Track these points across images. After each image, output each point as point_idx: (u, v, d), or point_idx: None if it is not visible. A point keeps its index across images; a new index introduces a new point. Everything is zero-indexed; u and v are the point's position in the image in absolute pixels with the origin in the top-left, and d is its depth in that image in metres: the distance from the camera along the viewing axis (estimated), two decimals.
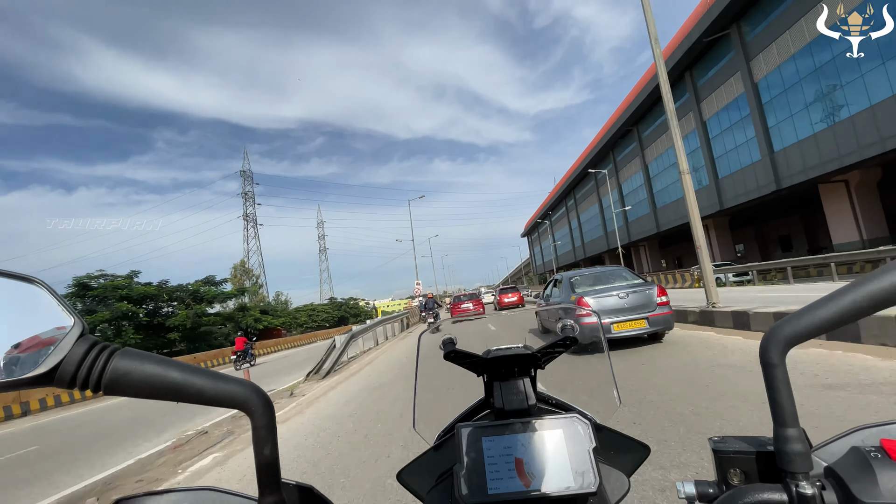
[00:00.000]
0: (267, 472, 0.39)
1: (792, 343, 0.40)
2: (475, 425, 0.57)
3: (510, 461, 0.53)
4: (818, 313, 0.39)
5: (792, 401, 0.40)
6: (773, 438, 0.42)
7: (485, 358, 0.63)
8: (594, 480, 0.51)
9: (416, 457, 0.65)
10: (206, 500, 0.52)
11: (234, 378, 0.39)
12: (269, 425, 0.39)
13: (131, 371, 0.35)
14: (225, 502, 0.52)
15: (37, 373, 0.33)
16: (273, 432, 0.40)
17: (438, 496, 0.58)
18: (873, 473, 0.38)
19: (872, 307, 0.37)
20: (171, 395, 0.37)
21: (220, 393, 0.38)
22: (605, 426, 0.62)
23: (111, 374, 0.35)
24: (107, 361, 0.35)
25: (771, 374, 0.40)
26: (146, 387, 0.36)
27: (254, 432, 0.39)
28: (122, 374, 0.35)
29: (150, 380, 0.36)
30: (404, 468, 0.64)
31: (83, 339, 0.35)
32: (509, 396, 0.63)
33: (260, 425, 0.39)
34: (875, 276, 0.37)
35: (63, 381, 0.34)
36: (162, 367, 0.36)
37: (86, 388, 0.35)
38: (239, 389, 0.39)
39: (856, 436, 0.44)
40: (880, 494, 0.37)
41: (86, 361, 0.34)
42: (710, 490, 0.46)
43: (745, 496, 0.41)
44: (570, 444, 0.54)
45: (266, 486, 0.39)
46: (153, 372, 0.36)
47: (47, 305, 0.36)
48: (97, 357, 0.35)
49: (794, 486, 0.40)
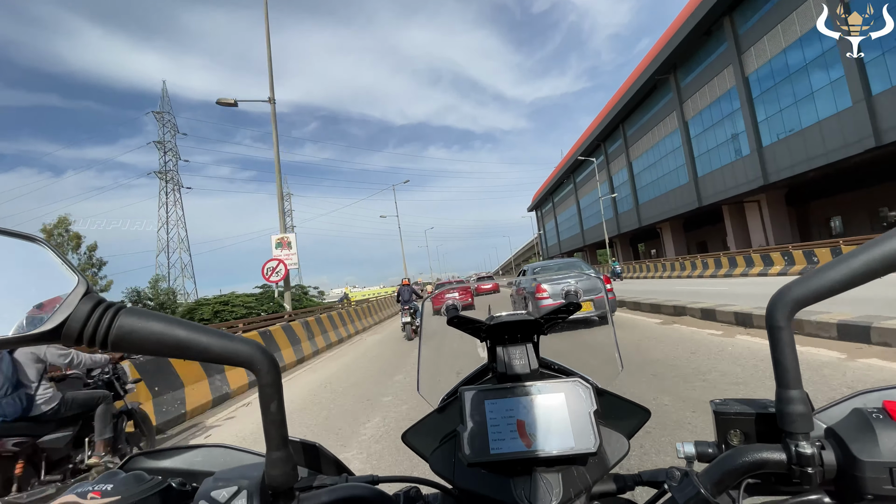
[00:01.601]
0: (274, 428, 0.40)
1: (799, 305, 0.39)
2: (478, 388, 0.58)
3: (512, 423, 0.54)
4: (828, 275, 0.38)
5: (796, 363, 0.40)
6: (775, 400, 0.42)
7: (488, 324, 0.64)
8: (594, 441, 0.52)
9: (420, 419, 0.66)
10: (217, 455, 0.54)
11: (240, 337, 0.40)
12: (275, 383, 0.40)
13: (137, 328, 0.36)
14: (235, 458, 0.53)
15: (43, 329, 0.34)
16: (279, 390, 0.40)
17: (442, 456, 0.60)
18: (874, 433, 0.38)
19: (885, 268, 0.37)
20: (177, 352, 0.37)
21: (225, 351, 0.38)
22: (607, 390, 0.63)
23: (117, 330, 0.35)
24: (112, 318, 0.35)
25: (776, 337, 0.40)
26: (152, 344, 0.36)
27: (260, 390, 0.40)
28: (127, 331, 0.36)
29: (155, 337, 0.36)
30: (409, 430, 0.65)
31: (88, 296, 0.35)
32: (512, 361, 0.64)
33: (266, 383, 0.39)
34: (889, 238, 0.37)
35: (70, 338, 0.35)
36: (167, 325, 0.37)
37: (92, 345, 0.36)
38: (244, 348, 0.39)
39: (858, 399, 0.45)
40: (880, 453, 0.37)
41: (91, 318, 0.35)
42: (709, 450, 0.47)
43: (745, 455, 0.42)
44: (572, 407, 0.55)
45: (273, 442, 0.40)
46: (158, 329, 0.36)
47: (50, 264, 0.36)
48: (103, 314, 0.35)
49: (793, 445, 0.40)
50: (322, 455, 0.57)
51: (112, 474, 0.41)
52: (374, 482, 0.50)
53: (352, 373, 7.37)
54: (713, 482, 0.42)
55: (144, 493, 0.39)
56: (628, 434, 0.60)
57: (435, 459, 0.60)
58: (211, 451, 0.55)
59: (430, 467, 0.60)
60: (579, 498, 0.53)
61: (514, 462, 0.53)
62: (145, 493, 0.39)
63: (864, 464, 0.37)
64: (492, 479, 0.54)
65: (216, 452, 0.55)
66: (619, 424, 0.61)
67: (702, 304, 8.13)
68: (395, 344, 10.30)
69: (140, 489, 0.40)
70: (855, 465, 0.38)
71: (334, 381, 6.81)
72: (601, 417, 0.55)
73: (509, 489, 0.53)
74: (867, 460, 0.37)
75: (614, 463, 0.56)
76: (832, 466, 0.40)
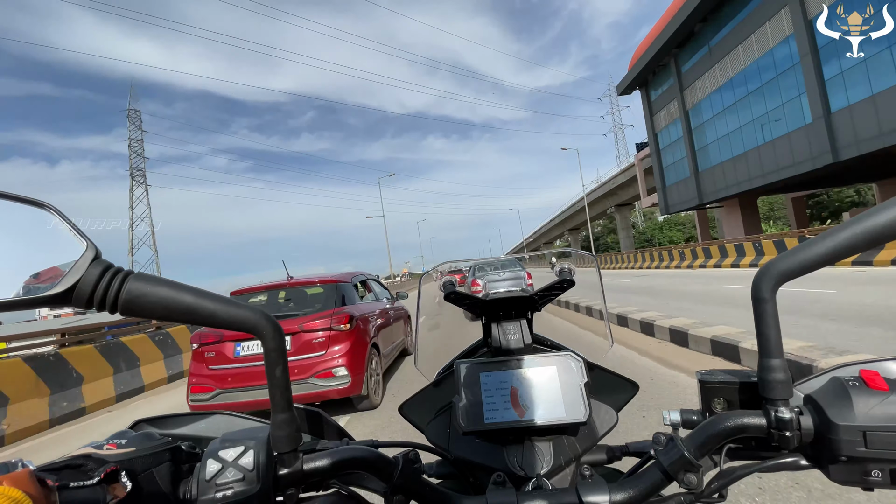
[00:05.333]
0: (279, 392, 0.41)
1: (784, 278, 0.41)
2: (473, 362, 0.60)
3: (506, 394, 0.56)
4: (813, 249, 0.40)
5: (779, 334, 0.42)
6: (757, 369, 0.44)
7: (483, 300, 0.66)
8: (584, 412, 0.54)
9: (416, 392, 0.68)
10: (220, 422, 0.56)
11: (245, 304, 0.41)
12: (279, 348, 0.41)
13: (146, 293, 0.37)
14: (236, 424, 0.55)
15: (55, 291, 0.35)
16: (283, 355, 0.42)
17: (437, 427, 0.62)
18: (849, 399, 0.40)
19: (868, 242, 0.38)
20: (185, 317, 0.38)
21: (231, 317, 0.39)
22: (597, 365, 0.65)
23: (126, 295, 0.36)
24: (122, 283, 0.36)
25: (760, 309, 0.42)
26: (160, 308, 0.37)
27: (265, 355, 0.41)
28: (136, 295, 0.37)
29: (163, 301, 0.37)
30: (405, 402, 0.67)
31: (97, 261, 0.36)
32: (506, 337, 0.66)
33: (271, 348, 0.41)
34: (873, 213, 0.38)
35: (80, 301, 0.35)
36: (175, 291, 0.38)
37: (102, 309, 0.36)
38: (250, 314, 0.40)
39: (838, 371, 0.47)
40: (854, 417, 0.39)
41: (101, 282, 0.36)
42: (693, 417, 0.49)
43: (727, 420, 0.44)
44: (563, 380, 0.57)
45: (278, 405, 0.42)
46: (166, 294, 0.37)
47: (60, 229, 0.37)
48: (112, 278, 0.36)
49: (773, 411, 0.42)
50: (324, 422, 0.59)
51: (124, 432, 0.43)
52: (375, 446, 0.52)
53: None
54: (696, 446, 0.44)
55: (156, 448, 0.41)
56: (617, 407, 0.63)
57: (431, 430, 0.62)
58: (214, 418, 0.57)
59: (426, 437, 0.62)
60: (569, 465, 0.56)
61: (508, 431, 0.55)
62: (157, 449, 0.41)
63: (839, 427, 0.40)
64: (486, 447, 0.57)
65: (219, 419, 0.56)
66: (609, 397, 0.63)
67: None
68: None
69: (152, 444, 0.41)
70: (830, 429, 0.40)
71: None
72: (591, 390, 0.57)
73: (502, 456, 0.55)
74: (842, 424, 0.39)
75: (603, 433, 0.59)
76: (809, 430, 0.42)
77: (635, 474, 0.47)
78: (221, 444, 0.42)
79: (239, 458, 0.40)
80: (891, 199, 0.38)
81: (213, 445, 0.42)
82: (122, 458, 0.38)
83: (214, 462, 0.40)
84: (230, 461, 0.40)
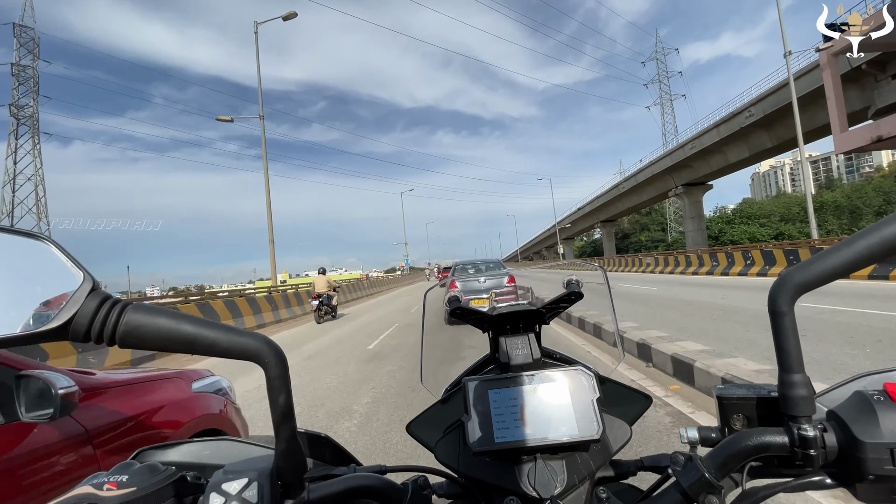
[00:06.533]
0: (283, 420, 0.40)
1: (802, 290, 0.40)
2: (481, 378, 0.58)
3: (516, 411, 0.55)
4: (830, 260, 0.39)
5: (798, 348, 0.41)
6: (777, 384, 0.42)
7: (490, 314, 0.64)
8: (597, 428, 0.52)
9: (423, 410, 0.67)
10: (225, 448, 0.55)
11: (246, 331, 0.40)
12: (283, 376, 0.40)
13: (144, 324, 0.36)
14: (243, 451, 0.54)
15: (51, 326, 0.34)
16: (287, 383, 0.41)
17: (447, 446, 0.60)
18: (875, 415, 0.39)
19: (885, 252, 0.37)
20: (185, 347, 0.38)
21: (233, 345, 0.39)
22: (609, 378, 0.64)
23: (124, 327, 0.36)
24: (120, 315, 0.36)
25: (779, 322, 0.40)
26: (159, 339, 0.37)
27: (268, 383, 0.40)
28: (134, 326, 0.36)
29: (162, 332, 0.37)
30: (413, 421, 0.66)
31: (94, 293, 0.36)
32: (514, 351, 0.64)
33: (273, 376, 0.40)
34: (889, 222, 0.37)
35: (78, 335, 0.35)
36: (174, 321, 0.37)
37: (100, 342, 0.36)
38: (251, 342, 0.39)
39: (859, 381, 0.45)
40: (881, 434, 0.38)
41: (99, 315, 0.35)
42: (712, 435, 0.48)
43: (748, 439, 0.42)
44: (574, 395, 0.55)
45: (282, 434, 0.41)
46: (165, 325, 0.37)
47: (56, 261, 0.37)
48: (110, 311, 0.36)
49: (795, 428, 0.41)
50: (330, 446, 0.58)
51: (126, 465, 0.42)
52: (383, 472, 0.51)
53: None
54: (717, 466, 0.43)
55: (159, 483, 0.40)
56: (630, 420, 0.61)
57: (440, 449, 0.61)
58: (219, 445, 0.56)
59: (436, 457, 0.61)
60: (583, 484, 0.54)
61: (519, 450, 0.53)
62: (160, 484, 0.40)
63: (866, 445, 0.38)
64: (497, 467, 0.55)
65: (223, 445, 0.55)
66: (621, 411, 0.61)
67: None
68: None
69: (155, 479, 0.40)
70: (856, 447, 0.38)
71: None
72: (603, 405, 0.56)
73: (514, 476, 0.54)
74: (868, 441, 0.38)
75: (617, 449, 0.57)
76: (834, 448, 0.40)
77: (653, 496, 0.46)
78: (225, 475, 0.41)
79: (243, 491, 0.39)
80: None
81: (217, 477, 0.41)
82: (122, 500, 0.37)
83: (217, 497, 0.39)
84: (234, 494, 0.39)
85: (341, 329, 10.91)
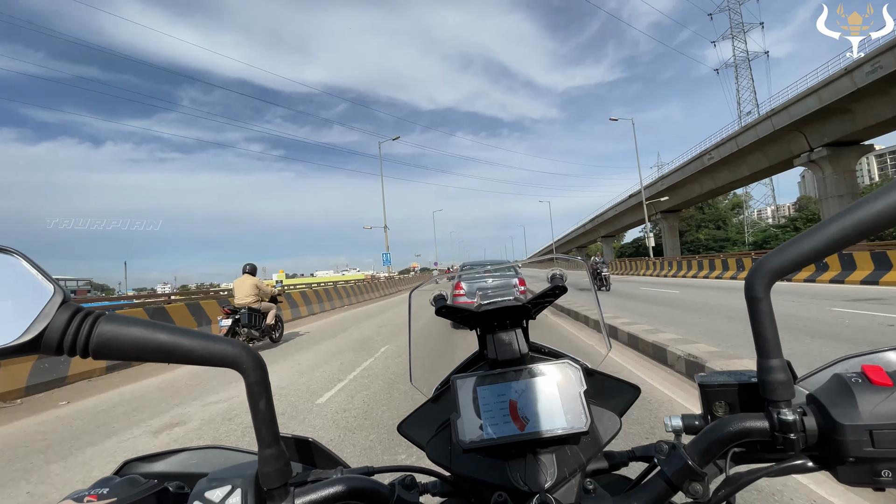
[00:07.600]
0: (264, 426, 0.40)
1: (778, 275, 0.40)
2: (470, 376, 0.58)
3: (505, 407, 0.55)
4: (805, 243, 0.39)
5: (776, 333, 0.41)
6: (756, 370, 0.43)
7: (476, 311, 0.64)
8: (586, 420, 0.53)
9: (414, 409, 0.67)
10: (211, 456, 0.55)
11: (223, 338, 0.40)
12: (262, 381, 0.40)
13: (117, 335, 0.35)
14: (229, 458, 0.54)
15: (22, 340, 0.33)
16: (267, 388, 0.40)
17: (438, 444, 0.60)
18: (853, 397, 0.39)
19: (859, 234, 0.37)
20: (160, 356, 0.37)
21: (209, 353, 0.38)
22: (596, 370, 0.64)
23: (97, 338, 0.35)
24: (92, 326, 0.35)
25: (756, 308, 0.41)
26: (134, 350, 0.36)
27: (248, 389, 0.39)
28: (108, 338, 0.35)
29: (136, 342, 0.36)
30: (404, 421, 0.66)
31: (66, 305, 0.35)
32: (502, 347, 0.65)
33: (253, 381, 0.39)
34: (862, 204, 0.37)
35: (49, 348, 0.34)
36: (148, 330, 0.37)
37: (73, 354, 0.35)
38: (228, 349, 0.39)
39: (839, 365, 0.46)
40: (859, 416, 0.38)
41: (70, 327, 0.34)
42: (696, 422, 0.48)
43: (729, 425, 0.43)
44: (562, 388, 0.56)
45: (264, 440, 0.40)
46: (139, 335, 0.36)
47: (25, 275, 0.36)
48: (82, 322, 0.35)
49: (775, 413, 0.41)
50: (316, 449, 0.58)
51: (107, 479, 0.42)
52: (370, 473, 0.50)
53: None
54: (700, 453, 0.43)
55: (140, 494, 0.40)
56: (619, 412, 0.62)
57: (431, 448, 0.61)
58: (205, 453, 0.55)
59: (427, 456, 0.61)
60: (574, 476, 0.54)
61: (509, 445, 0.53)
62: (141, 495, 0.39)
63: (845, 427, 0.38)
64: (487, 463, 0.55)
65: (210, 454, 0.55)
66: (610, 403, 0.62)
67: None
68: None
69: (136, 491, 0.40)
70: (836, 429, 0.39)
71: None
72: (592, 397, 0.56)
73: (505, 472, 0.54)
74: (847, 424, 0.38)
75: (607, 440, 0.57)
76: (814, 431, 0.40)
77: (639, 486, 0.46)
78: (208, 483, 0.41)
79: (226, 499, 0.39)
80: (880, 189, 0.37)
81: (200, 486, 0.41)
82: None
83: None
84: (216, 502, 0.39)
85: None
